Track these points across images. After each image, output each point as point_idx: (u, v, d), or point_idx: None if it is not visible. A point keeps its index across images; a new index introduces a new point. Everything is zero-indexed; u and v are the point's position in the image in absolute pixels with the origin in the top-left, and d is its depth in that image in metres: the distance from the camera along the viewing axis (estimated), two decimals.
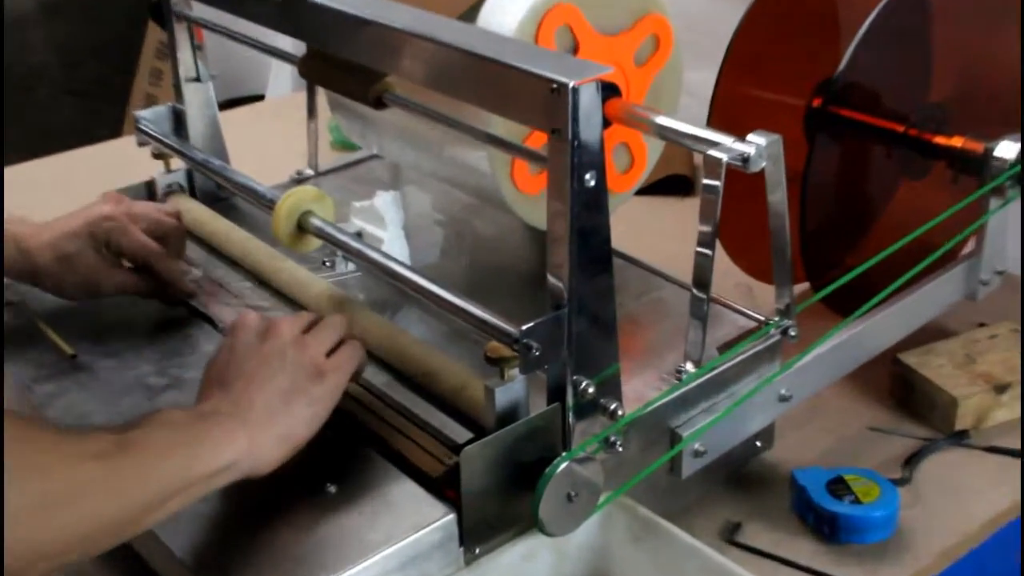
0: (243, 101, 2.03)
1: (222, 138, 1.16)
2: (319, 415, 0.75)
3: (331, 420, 0.82)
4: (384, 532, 0.73)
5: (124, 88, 2.73)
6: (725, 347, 0.89)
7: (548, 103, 0.70)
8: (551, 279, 0.75)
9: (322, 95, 1.16)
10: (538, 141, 0.76)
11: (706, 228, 0.82)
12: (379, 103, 0.91)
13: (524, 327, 0.72)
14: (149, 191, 1.12)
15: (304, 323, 0.79)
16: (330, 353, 0.78)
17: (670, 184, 1.43)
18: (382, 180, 1.20)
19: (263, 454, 0.72)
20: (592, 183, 0.71)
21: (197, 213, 1.09)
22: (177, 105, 1.13)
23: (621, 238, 0.78)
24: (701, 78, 1.09)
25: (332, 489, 0.77)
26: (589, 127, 0.70)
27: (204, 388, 0.76)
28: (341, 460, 0.79)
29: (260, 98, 2.32)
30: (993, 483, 0.95)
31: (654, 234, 1.31)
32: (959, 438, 1.00)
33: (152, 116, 1.12)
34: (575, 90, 0.68)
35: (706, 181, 0.81)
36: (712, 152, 0.80)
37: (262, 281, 1.00)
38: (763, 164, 0.80)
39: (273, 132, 1.64)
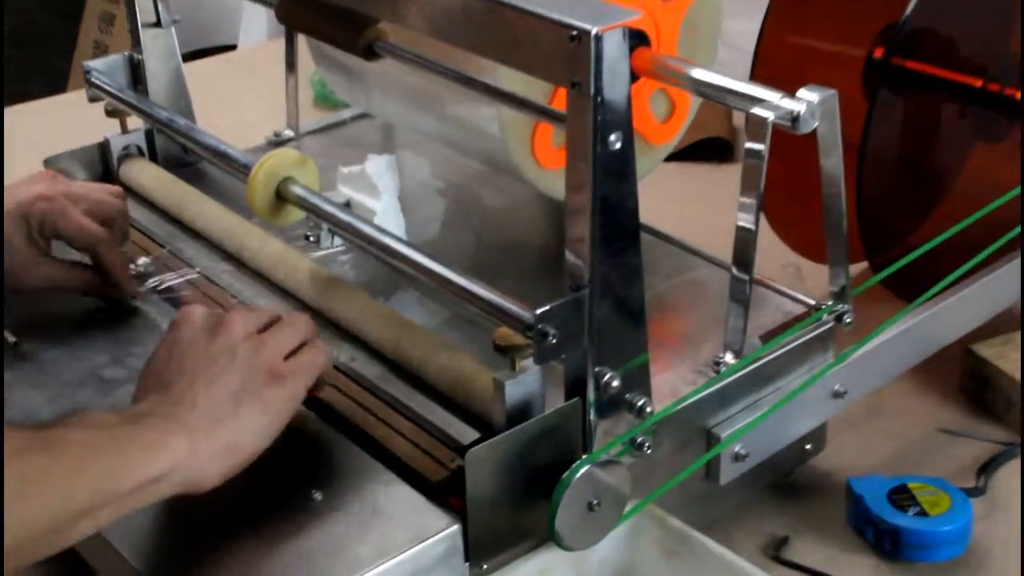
0: (210, 52, 2.05)
1: (187, 93, 1.17)
2: (272, 425, 0.75)
3: (316, 417, 0.84)
4: (378, 545, 0.74)
5: (69, 36, 2.75)
6: (770, 335, 0.91)
7: (567, 53, 0.71)
8: (570, 256, 0.76)
9: (303, 45, 1.17)
10: (563, 103, 0.77)
11: (749, 199, 0.83)
12: (370, 53, 0.93)
13: (539, 311, 0.74)
14: (102, 155, 1.14)
15: (261, 320, 0.79)
16: (289, 357, 0.78)
17: (706, 149, 1.44)
18: (373, 143, 1.21)
19: (203, 466, 0.71)
20: (617, 145, 0.73)
21: (158, 180, 1.11)
22: (134, 54, 1.15)
23: (649, 210, 0.79)
24: (743, 28, 1.10)
25: (318, 496, 0.78)
26: (614, 81, 0.71)
27: (140, 388, 0.77)
28: (327, 462, 0.81)
29: (231, 48, 2.33)
30: None
31: (688, 206, 1.33)
32: None
33: (105, 67, 1.14)
34: (598, 38, 0.69)
35: (749, 145, 0.82)
36: (756, 110, 0.81)
37: (235, 259, 1.01)
38: (815, 124, 0.81)
39: (246, 87, 1.66)
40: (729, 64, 1.01)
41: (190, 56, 1.17)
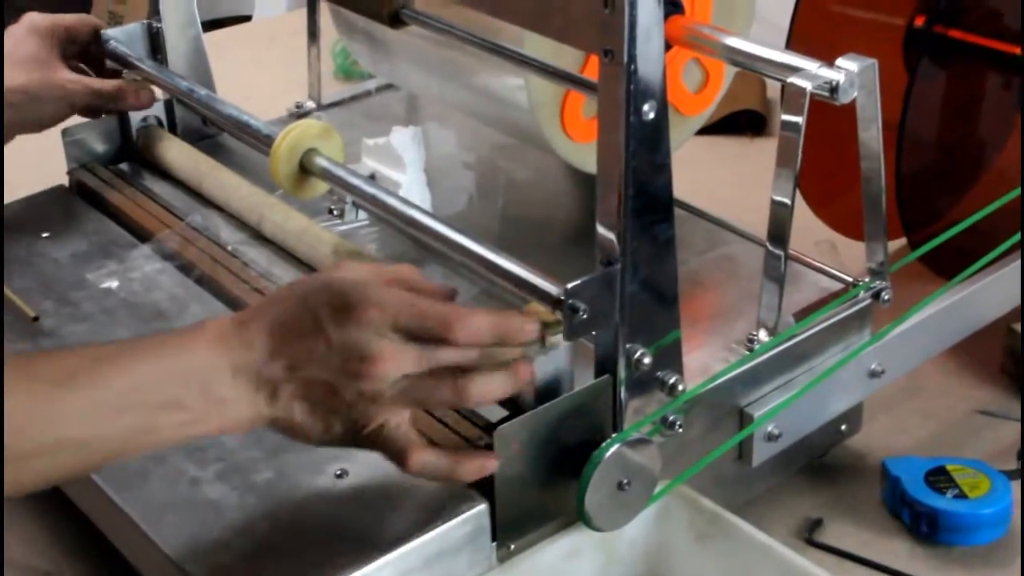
0: (225, 23, 2.05)
1: (207, 63, 1.18)
2: (315, 441, 0.73)
3: None
4: (404, 525, 0.75)
5: (83, 5, 2.76)
6: (804, 313, 0.91)
7: (600, 19, 0.71)
8: (601, 230, 0.76)
9: (325, 13, 1.17)
10: (594, 72, 0.77)
11: (785, 172, 0.83)
12: (396, 20, 0.93)
13: (569, 285, 0.74)
14: (121, 126, 1.15)
15: (410, 309, 0.71)
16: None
17: (738, 122, 1.44)
18: (398, 115, 1.22)
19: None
20: (651, 115, 0.73)
21: (178, 153, 1.11)
22: (153, 22, 1.15)
23: (681, 185, 0.79)
24: (777, 2, 1.10)
25: (343, 474, 0.79)
26: (648, 48, 0.71)
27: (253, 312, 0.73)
28: None
29: (246, 19, 2.33)
30: None
31: (720, 180, 1.33)
32: None
33: (124, 36, 1.14)
34: (632, 4, 0.69)
35: (785, 116, 0.82)
36: (794, 80, 0.81)
37: (256, 233, 1.02)
38: (854, 94, 0.81)
39: (263, 59, 1.66)
40: (763, 40, 1.01)
41: (204, 26, 1.18)
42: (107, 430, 0.68)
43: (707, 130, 1.12)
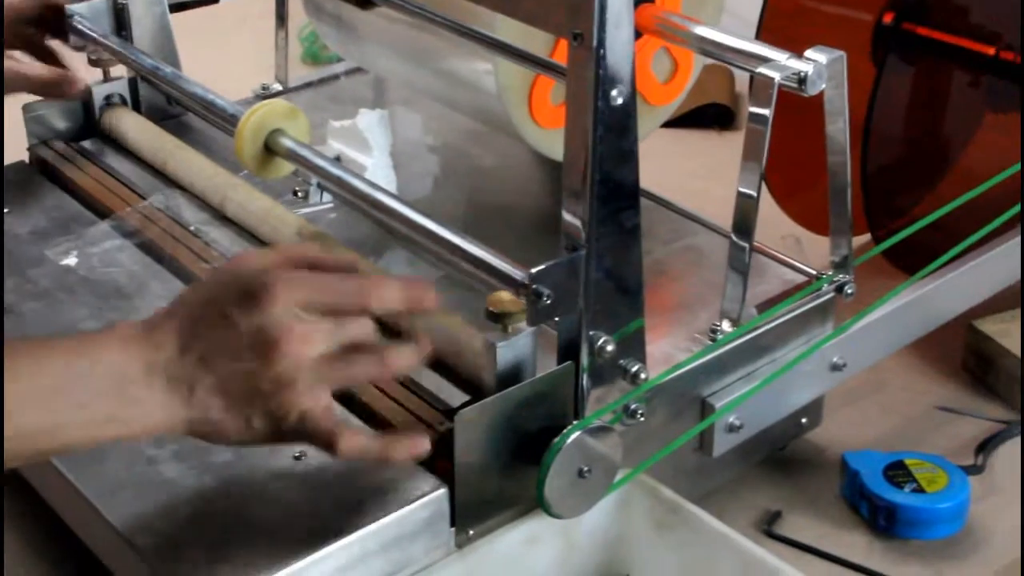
0: (191, 5, 2.03)
1: (173, 42, 1.17)
2: (242, 441, 0.71)
3: None
4: (362, 508, 0.75)
5: None
6: (767, 305, 0.91)
7: (569, 3, 0.71)
8: (566, 216, 0.76)
9: None
10: (564, 57, 0.77)
11: (751, 164, 0.83)
12: (366, 2, 0.92)
13: (534, 270, 0.74)
14: (84, 104, 1.13)
15: (318, 287, 0.70)
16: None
17: (707, 115, 1.44)
18: (365, 98, 1.21)
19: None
20: (619, 101, 0.72)
21: (142, 131, 1.10)
22: None
23: (649, 176, 0.79)
24: None
25: (301, 456, 0.78)
26: (618, 32, 0.71)
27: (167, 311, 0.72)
28: None
29: (213, 1, 2.32)
30: None
31: (687, 172, 1.33)
32: None
33: (88, 11, 1.12)
34: None
35: (753, 107, 0.82)
36: (762, 70, 0.81)
37: (219, 213, 1.01)
38: (823, 86, 0.81)
39: (230, 41, 1.65)
40: (732, 31, 1.01)
41: (173, 8, 1.16)
42: (16, 426, 0.65)
43: (675, 123, 1.12)
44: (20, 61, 1.06)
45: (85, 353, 0.68)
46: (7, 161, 1.11)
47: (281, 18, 1.22)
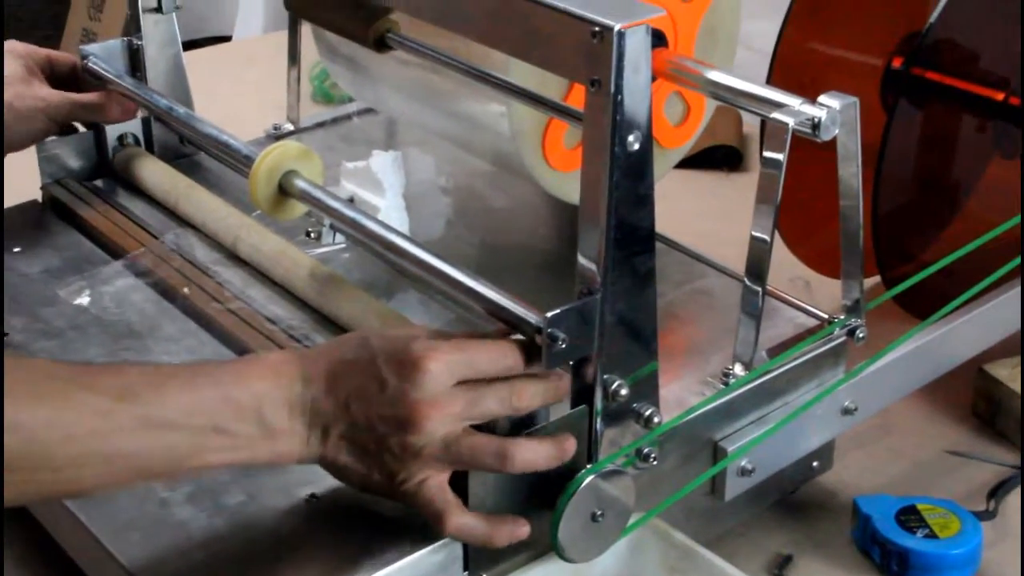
0: (204, 43, 2.05)
1: (187, 83, 1.17)
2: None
3: None
4: (375, 551, 0.74)
5: (57, 21, 2.74)
6: (779, 349, 0.91)
7: (587, 49, 0.71)
8: (582, 260, 0.76)
9: (307, 35, 1.17)
10: (577, 101, 0.77)
11: (765, 208, 0.83)
12: (381, 45, 0.93)
13: (550, 314, 0.73)
14: (97, 143, 1.14)
15: (467, 366, 0.73)
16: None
17: (714, 157, 1.44)
18: (377, 139, 1.21)
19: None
20: (636, 146, 0.73)
21: (155, 171, 1.10)
22: (134, 40, 1.14)
23: (659, 218, 0.78)
24: (761, 28, 1.10)
25: (313, 499, 0.78)
26: (636, 79, 0.71)
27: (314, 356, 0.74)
28: None
29: (225, 40, 2.33)
30: None
31: (696, 213, 1.33)
32: None
33: (103, 52, 1.13)
34: (621, 35, 0.69)
35: (767, 152, 0.82)
36: (776, 115, 0.81)
37: (232, 254, 1.01)
38: (836, 131, 0.81)
39: (242, 80, 1.66)
40: (746, 66, 1.02)
41: (184, 46, 1.17)
42: (156, 447, 0.68)
43: (684, 164, 1.12)
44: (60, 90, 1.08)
45: (232, 381, 0.71)
46: (21, 200, 1.12)
47: (293, 57, 1.22)
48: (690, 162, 1.39)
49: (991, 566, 0.91)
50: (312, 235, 1.01)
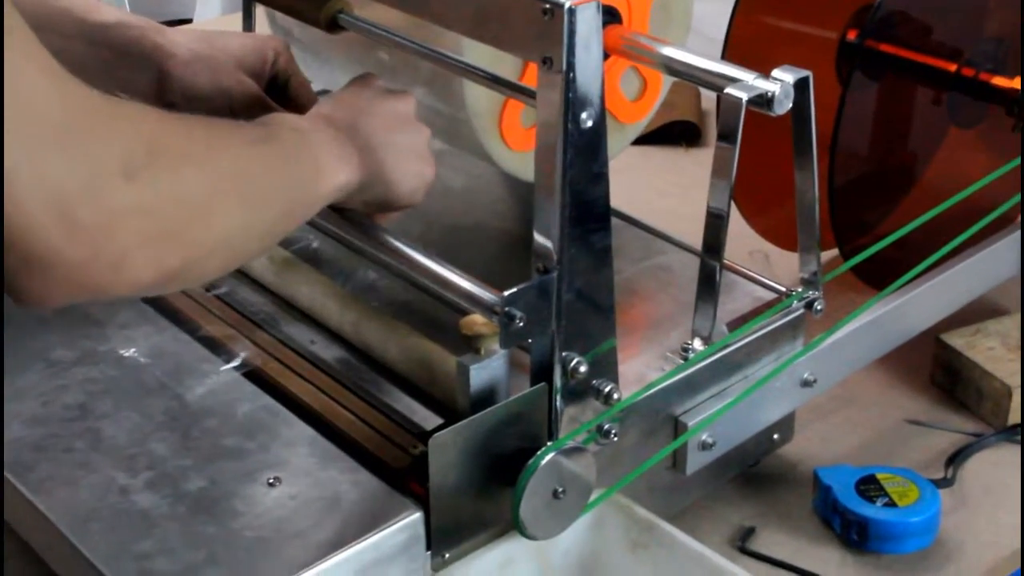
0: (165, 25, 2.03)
1: None
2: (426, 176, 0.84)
3: (274, 401, 0.84)
4: (336, 532, 0.74)
5: None
6: (738, 322, 0.91)
7: (538, 27, 0.71)
8: (538, 238, 0.76)
9: (261, 17, 1.16)
10: (533, 80, 0.78)
11: (720, 183, 0.84)
12: (333, 26, 0.92)
13: (506, 293, 0.74)
14: None
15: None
16: None
17: (673, 132, 1.45)
18: None
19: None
20: (589, 123, 0.73)
21: None
22: None
23: (616, 194, 0.79)
24: (713, 11, 1.10)
25: (275, 482, 0.78)
26: (587, 56, 0.71)
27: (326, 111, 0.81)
28: (285, 448, 0.80)
29: (186, 22, 2.32)
30: None
31: (654, 190, 1.34)
32: (1012, 433, 1.02)
33: None
34: (571, 11, 0.69)
35: (721, 127, 0.83)
36: (730, 90, 0.81)
37: None
38: (789, 106, 0.81)
39: None
40: (698, 51, 1.02)
41: None
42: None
43: (642, 140, 1.12)
44: None
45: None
46: None
47: None
48: (649, 138, 1.39)
49: (949, 532, 0.92)
50: None
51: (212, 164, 0.66)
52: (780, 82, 0.81)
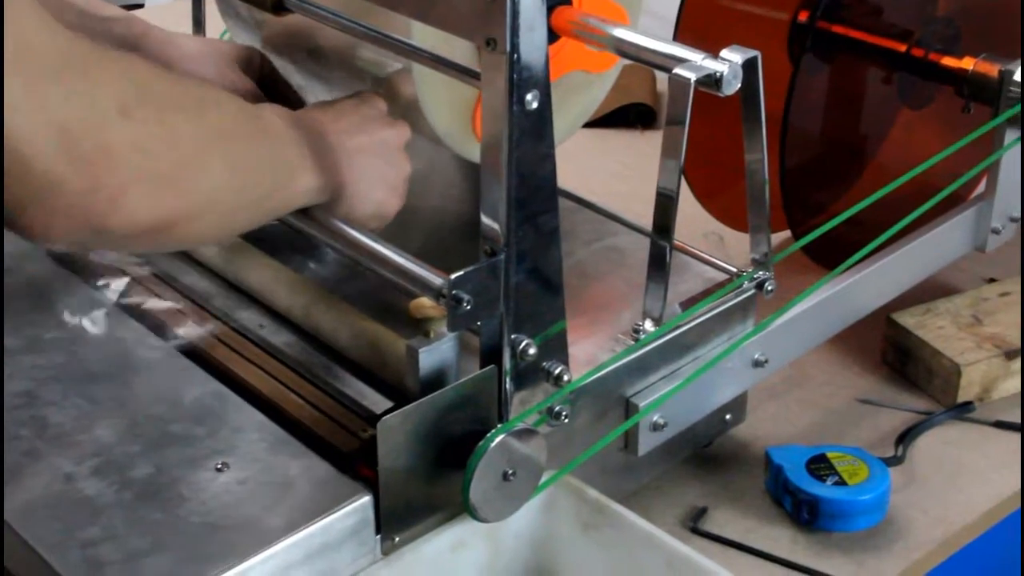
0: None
1: None
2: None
3: (223, 386, 0.83)
4: (285, 517, 0.74)
5: None
6: (690, 303, 0.91)
7: (481, 8, 0.71)
8: (485, 221, 0.76)
9: (211, 4, 1.15)
10: None
11: (670, 163, 0.84)
12: (278, 8, 0.91)
13: (453, 276, 0.73)
14: None
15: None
16: None
17: (629, 115, 1.45)
18: None
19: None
20: (534, 105, 0.73)
21: None
22: None
23: (570, 176, 0.79)
24: None
25: (224, 467, 0.78)
26: (531, 37, 0.71)
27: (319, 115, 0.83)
28: (234, 433, 0.80)
29: (139, 7, 2.30)
30: (999, 463, 0.99)
31: (609, 172, 1.34)
32: (962, 411, 1.03)
33: None
34: None
35: (670, 108, 0.83)
36: (679, 71, 0.81)
37: None
38: (738, 86, 0.82)
39: None
40: (650, 31, 1.01)
41: None
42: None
43: (597, 122, 1.12)
44: None
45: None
46: None
47: (198, 23, 1.20)
48: (604, 121, 1.40)
49: (899, 510, 0.93)
50: None
51: (201, 119, 0.69)
52: (728, 62, 0.81)
